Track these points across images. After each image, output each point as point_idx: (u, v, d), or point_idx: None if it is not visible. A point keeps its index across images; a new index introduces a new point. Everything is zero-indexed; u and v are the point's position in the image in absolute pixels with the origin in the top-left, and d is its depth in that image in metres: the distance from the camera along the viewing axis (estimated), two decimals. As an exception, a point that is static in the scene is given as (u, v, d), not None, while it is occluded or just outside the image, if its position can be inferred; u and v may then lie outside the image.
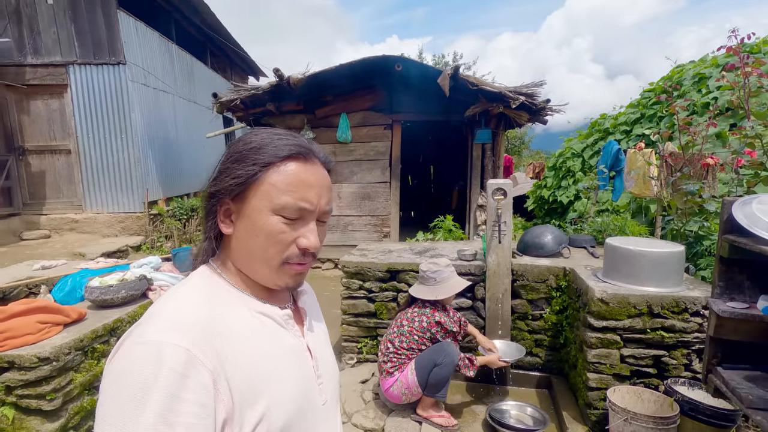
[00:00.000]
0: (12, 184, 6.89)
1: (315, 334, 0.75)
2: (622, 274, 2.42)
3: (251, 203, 0.60)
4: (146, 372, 0.48)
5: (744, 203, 1.57)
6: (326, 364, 0.74)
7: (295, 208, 0.60)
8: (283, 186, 0.60)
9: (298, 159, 0.61)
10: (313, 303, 0.83)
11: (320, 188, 0.63)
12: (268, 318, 0.65)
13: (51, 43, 6.70)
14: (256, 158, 0.60)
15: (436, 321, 2.45)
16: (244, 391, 0.55)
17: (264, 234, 0.60)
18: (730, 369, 1.66)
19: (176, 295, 0.60)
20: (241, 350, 0.57)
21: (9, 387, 1.91)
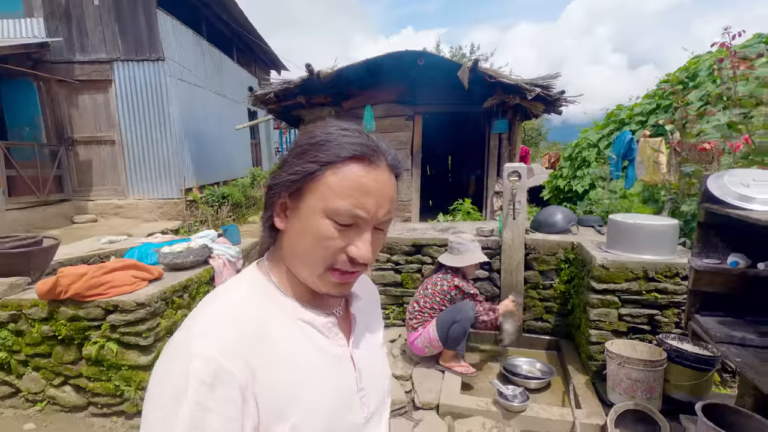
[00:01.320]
0: (63, 172, 7.51)
1: (364, 343, 0.70)
2: (623, 245, 2.76)
3: (306, 202, 0.57)
4: (179, 381, 0.49)
5: (717, 177, 1.90)
6: (373, 376, 0.69)
7: (349, 215, 0.55)
8: (340, 189, 0.55)
9: (361, 161, 0.56)
10: (369, 308, 0.78)
11: (381, 197, 0.57)
12: (308, 326, 0.62)
13: (97, 41, 7.24)
14: (317, 155, 0.56)
15: (455, 285, 2.84)
16: (273, 405, 0.53)
17: (312, 236, 0.57)
18: (706, 316, 2.00)
19: (218, 300, 0.59)
20: (274, 362, 0.55)
21: (113, 326, 2.37)
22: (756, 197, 1.75)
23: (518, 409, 2.36)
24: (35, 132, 7.30)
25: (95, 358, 2.40)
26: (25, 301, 2.45)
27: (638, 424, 2.18)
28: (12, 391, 2.58)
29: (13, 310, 2.47)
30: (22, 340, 2.49)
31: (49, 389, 2.54)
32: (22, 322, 2.47)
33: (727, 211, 1.77)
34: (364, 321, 0.73)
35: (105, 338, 2.39)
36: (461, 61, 5.41)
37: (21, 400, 2.57)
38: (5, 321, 2.48)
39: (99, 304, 2.37)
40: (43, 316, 2.43)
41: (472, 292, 2.89)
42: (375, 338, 0.76)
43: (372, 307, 0.80)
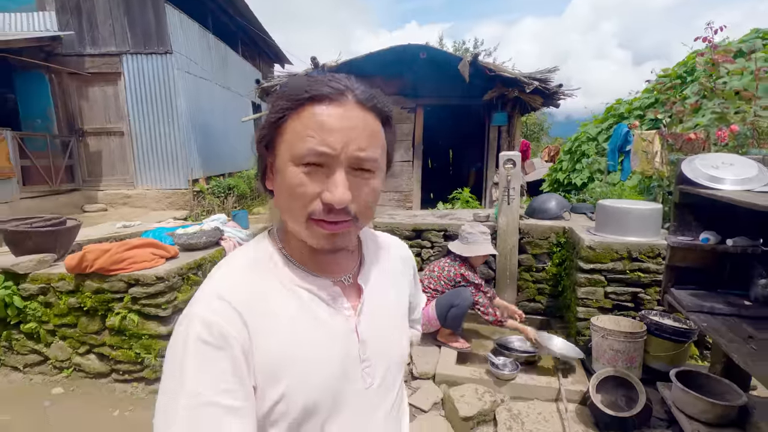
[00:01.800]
0: (74, 162, 7.72)
1: (373, 313, 0.67)
2: (610, 228, 2.93)
3: (278, 155, 0.57)
4: (184, 344, 0.51)
5: (690, 160, 2.07)
6: (381, 347, 0.67)
7: (312, 154, 0.52)
8: (301, 131, 0.53)
9: (321, 100, 0.54)
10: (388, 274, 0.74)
11: (349, 131, 0.53)
12: (311, 294, 0.61)
13: (107, 34, 7.41)
14: (278, 104, 0.56)
15: (461, 273, 3.01)
16: (267, 367, 0.54)
17: (286, 187, 0.55)
18: (681, 289, 2.18)
19: (223, 267, 0.61)
20: (270, 328, 0.56)
21: (135, 298, 2.57)
22: (725, 178, 1.93)
23: (508, 378, 2.55)
24: (47, 123, 7.50)
25: (118, 328, 2.60)
26: (53, 275, 2.65)
27: (618, 389, 2.37)
28: (41, 359, 2.79)
29: (42, 283, 2.67)
30: (51, 311, 2.69)
31: (75, 357, 2.75)
32: (51, 294, 2.68)
33: (698, 191, 1.94)
34: (378, 289, 0.69)
35: (127, 309, 2.59)
36: (464, 56, 5.56)
37: (49, 367, 2.79)
38: (35, 293, 2.68)
39: (121, 277, 2.57)
40: (69, 288, 2.64)
41: (477, 282, 3.04)
42: (390, 307, 0.72)
43: (397, 272, 0.76)
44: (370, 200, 0.58)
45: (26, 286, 2.67)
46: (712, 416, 2.05)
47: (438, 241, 3.66)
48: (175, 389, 0.49)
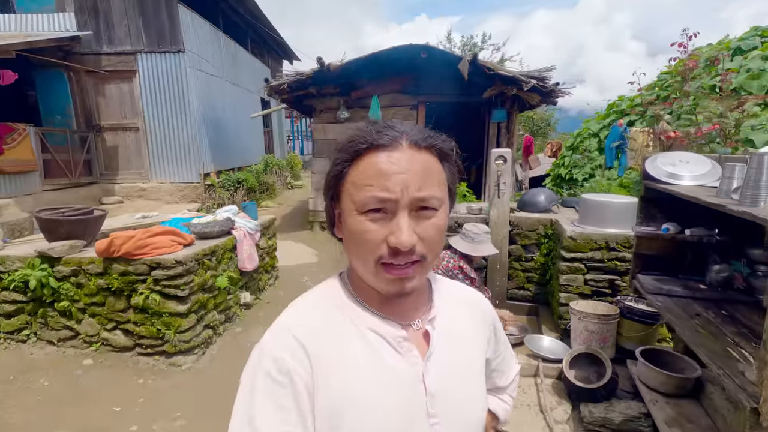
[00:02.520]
0: (91, 156, 8.08)
1: (444, 364, 0.63)
2: (591, 220, 3.16)
3: (342, 205, 0.59)
4: (253, 376, 0.56)
5: (653, 159, 2.29)
6: (453, 403, 0.62)
7: (375, 200, 0.54)
8: (361, 181, 0.55)
9: (376, 150, 0.56)
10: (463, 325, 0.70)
11: (406, 173, 0.54)
12: (378, 337, 0.60)
13: (122, 34, 7.72)
14: (340, 157, 0.59)
15: (460, 266, 3.25)
16: (329, 406, 0.54)
17: (353, 234, 0.57)
18: (646, 275, 2.40)
19: (296, 302, 0.64)
20: (336, 370, 0.56)
21: (156, 280, 2.87)
22: (683, 174, 2.15)
23: (492, 355, 2.80)
24: (66, 119, 7.86)
25: (141, 306, 2.91)
26: (84, 259, 2.96)
27: (591, 366, 2.61)
28: (73, 334, 3.11)
29: (74, 266, 2.98)
30: (81, 291, 3.00)
31: (103, 332, 3.06)
32: (81, 276, 2.99)
33: (657, 186, 2.17)
34: (450, 339, 0.66)
35: (149, 290, 2.89)
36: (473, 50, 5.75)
37: (80, 341, 3.10)
38: (67, 275, 2.99)
39: (145, 261, 2.86)
40: (98, 271, 2.94)
41: (473, 276, 3.29)
42: (465, 360, 0.67)
43: (471, 321, 0.72)
44: (435, 238, 0.57)
45: (60, 269, 2.99)
46: (670, 387, 2.29)
47: (434, 232, 3.91)
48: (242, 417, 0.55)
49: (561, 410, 2.41)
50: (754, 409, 1.28)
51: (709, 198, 1.61)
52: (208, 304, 3.16)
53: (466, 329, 0.71)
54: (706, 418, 2.15)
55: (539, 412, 2.41)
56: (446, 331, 0.66)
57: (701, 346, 1.64)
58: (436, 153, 0.59)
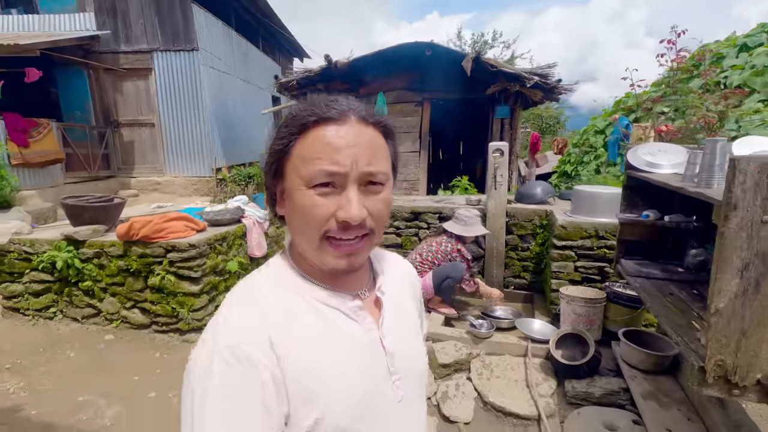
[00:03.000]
0: (109, 151, 8.40)
1: (395, 325, 0.67)
2: (583, 210, 3.30)
3: (288, 180, 0.58)
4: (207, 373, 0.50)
5: (635, 150, 2.43)
6: (406, 359, 0.66)
7: (323, 174, 0.53)
8: (309, 154, 0.54)
9: (323, 123, 0.55)
10: (401, 287, 0.74)
11: (355, 147, 0.54)
12: (334, 310, 0.61)
13: (139, 33, 8.02)
14: (284, 131, 0.57)
15: (458, 249, 3.43)
16: (299, 393, 0.53)
17: (299, 210, 0.56)
18: (629, 259, 2.54)
19: (241, 291, 0.60)
20: (299, 351, 0.54)
21: (172, 262, 3.09)
22: (662, 163, 2.29)
23: (485, 336, 2.96)
24: (86, 115, 8.19)
25: (157, 286, 3.13)
26: (105, 242, 3.20)
27: (577, 347, 2.75)
28: (95, 312, 3.36)
29: (96, 248, 3.22)
30: (103, 272, 3.24)
31: (122, 311, 3.30)
32: (103, 258, 3.23)
33: (637, 174, 2.31)
34: (395, 301, 0.69)
35: (165, 271, 3.11)
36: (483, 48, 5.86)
37: (101, 318, 3.35)
38: (91, 257, 3.24)
39: (161, 244, 3.08)
40: (119, 253, 3.18)
41: (468, 258, 3.47)
42: (408, 320, 0.72)
43: (405, 286, 0.76)
44: (383, 212, 0.58)
45: (84, 251, 3.23)
46: (648, 365, 2.44)
47: (434, 223, 4.07)
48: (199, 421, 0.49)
49: (546, 386, 2.57)
50: (701, 367, 1.42)
51: (673, 182, 1.75)
52: (219, 286, 3.38)
53: (404, 292, 0.75)
54: (680, 392, 2.30)
55: (525, 387, 2.57)
56: (391, 295, 0.69)
57: (667, 319, 1.79)
58: (381, 129, 0.60)
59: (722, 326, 1.36)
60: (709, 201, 1.43)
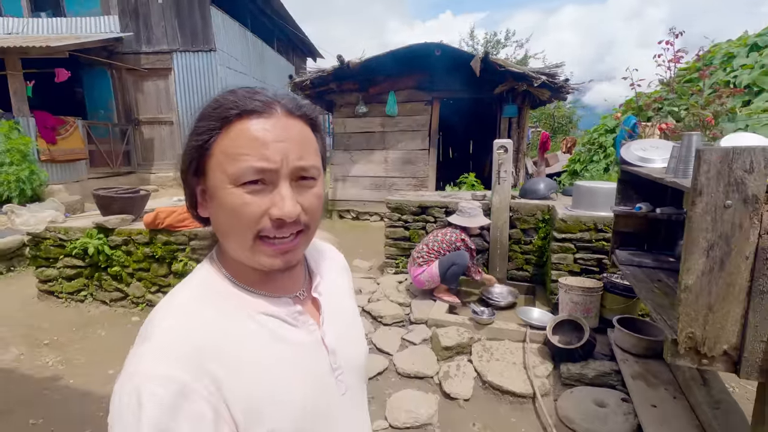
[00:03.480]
0: (130, 148, 8.76)
1: (335, 322, 0.66)
2: (583, 204, 3.43)
3: (210, 178, 0.53)
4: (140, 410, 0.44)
5: (628, 146, 2.57)
6: (348, 352, 0.66)
7: (252, 171, 0.50)
8: (234, 150, 0.50)
9: (247, 116, 0.52)
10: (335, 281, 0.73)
11: (285, 142, 0.52)
12: (274, 319, 0.57)
13: (160, 34, 8.34)
14: (203, 126, 0.53)
15: (462, 239, 3.60)
16: (246, 412, 0.50)
17: (227, 210, 0.52)
18: (623, 250, 2.68)
19: (172, 309, 0.54)
20: (239, 370, 0.51)
21: (194, 249, 3.32)
22: (654, 158, 2.43)
23: (486, 322, 3.12)
24: (109, 113, 8.55)
25: (180, 272, 3.36)
26: (133, 230, 3.45)
27: (573, 333, 2.90)
28: (122, 295, 3.61)
29: (125, 236, 3.47)
30: (130, 258, 3.49)
31: (147, 295, 3.54)
32: (131, 245, 3.48)
33: (629, 169, 2.45)
34: (333, 298, 0.69)
35: (188, 258, 3.35)
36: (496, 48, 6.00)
37: (128, 302, 3.60)
38: (119, 244, 3.49)
39: (184, 233, 3.32)
40: (145, 241, 3.42)
41: (473, 247, 3.64)
42: (346, 312, 0.72)
43: (339, 277, 0.76)
44: (317, 207, 0.57)
45: (113, 238, 3.48)
46: (640, 349, 2.57)
47: (440, 217, 4.24)
48: None
49: (543, 368, 2.72)
50: (674, 339, 1.58)
51: (656, 174, 1.89)
52: (236, 273, 3.60)
53: (340, 283, 0.74)
54: (668, 374, 2.43)
55: (523, 368, 2.73)
56: (328, 291, 0.68)
57: (651, 301, 1.94)
58: (309, 122, 0.57)
59: (691, 301, 1.51)
60: (680, 189, 1.57)
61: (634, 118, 6.57)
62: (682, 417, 2.09)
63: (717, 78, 6.86)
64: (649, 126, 5.37)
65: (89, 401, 2.46)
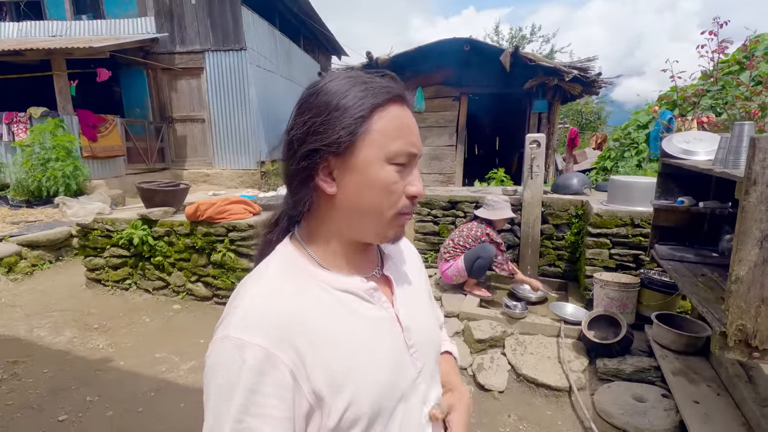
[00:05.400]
0: (165, 145, 9.07)
1: (408, 300, 0.69)
2: (619, 199, 3.38)
3: (360, 155, 0.56)
4: (231, 371, 0.51)
5: (669, 139, 2.52)
6: (422, 330, 0.69)
7: (406, 154, 0.57)
8: (391, 132, 0.56)
9: (397, 102, 0.58)
10: (406, 263, 0.77)
11: (417, 129, 0.60)
12: (350, 295, 0.61)
13: (193, 34, 8.59)
14: (360, 106, 0.55)
15: (487, 233, 3.60)
16: (327, 382, 0.54)
17: (379, 186, 0.56)
18: (663, 245, 2.63)
19: (259, 284, 0.58)
20: (321, 341, 0.55)
21: (232, 240, 3.44)
22: (698, 151, 2.38)
23: (519, 316, 3.12)
24: (145, 112, 8.88)
25: (219, 262, 3.49)
26: (175, 222, 3.59)
27: (609, 328, 2.87)
28: (164, 284, 3.77)
29: (167, 227, 3.62)
30: (172, 249, 3.65)
31: (188, 284, 3.69)
32: (172, 236, 3.63)
33: (672, 161, 2.41)
34: (404, 277, 0.72)
35: (226, 249, 3.47)
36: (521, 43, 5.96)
37: (170, 290, 3.76)
38: (162, 235, 3.65)
39: (223, 224, 3.44)
40: (186, 232, 3.56)
41: (498, 241, 3.63)
42: (419, 292, 0.75)
43: (409, 261, 0.78)
44: None
45: (156, 229, 3.64)
46: (680, 345, 2.53)
47: (470, 211, 4.24)
48: (221, 413, 0.51)
49: (578, 362, 2.70)
50: (722, 332, 1.56)
51: (703, 165, 1.85)
52: (271, 264, 3.71)
53: (410, 263, 0.78)
54: (711, 371, 2.38)
55: (558, 362, 2.72)
56: (399, 273, 0.72)
57: (696, 295, 1.91)
58: None
59: (743, 293, 1.49)
60: (732, 179, 1.55)
61: (669, 113, 6.38)
62: (726, 414, 2.05)
63: (761, 70, 6.57)
64: (687, 120, 5.20)
65: (140, 381, 2.60)
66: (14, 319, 3.39)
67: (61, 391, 2.51)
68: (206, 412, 0.52)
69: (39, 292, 3.92)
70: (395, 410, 0.60)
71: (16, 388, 2.54)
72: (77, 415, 2.31)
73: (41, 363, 2.80)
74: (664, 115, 6.35)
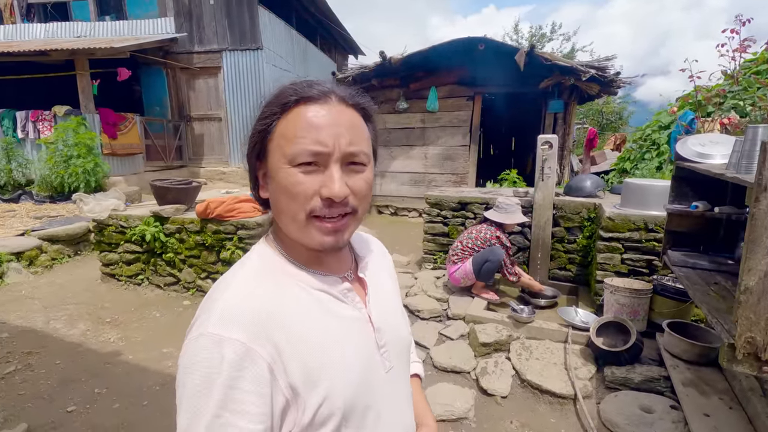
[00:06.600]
0: (183, 143, 9.25)
1: (380, 302, 0.72)
2: (632, 203, 3.28)
3: (270, 160, 0.59)
4: (210, 367, 0.51)
5: (684, 141, 2.43)
6: (391, 332, 0.71)
7: (307, 153, 0.55)
8: (292, 133, 0.56)
9: (305, 102, 0.58)
10: (379, 266, 0.79)
11: (336, 127, 0.57)
12: (326, 294, 0.63)
13: (211, 34, 8.73)
14: (264, 113, 0.59)
15: (497, 236, 3.55)
16: (303, 377, 0.55)
17: (283, 189, 0.57)
18: (675, 250, 2.55)
19: (235, 281, 0.59)
20: (297, 337, 0.56)
21: (241, 238, 3.48)
22: (713, 154, 2.29)
23: (526, 321, 3.07)
24: (163, 110, 9.07)
25: (228, 260, 3.54)
26: (186, 219, 3.66)
27: (618, 335, 2.79)
28: (175, 280, 3.85)
29: (178, 224, 3.69)
30: (183, 246, 3.71)
31: (198, 280, 3.75)
32: (183, 233, 3.69)
33: (686, 165, 2.33)
34: (376, 280, 0.74)
35: (235, 246, 3.51)
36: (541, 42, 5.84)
37: (180, 286, 3.83)
38: (173, 232, 3.72)
39: (232, 222, 3.48)
40: (196, 229, 3.62)
41: (508, 245, 3.58)
42: (390, 295, 0.78)
43: (381, 264, 0.81)
44: (365, 192, 0.61)
45: (168, 227, 3.72)
46: (692, 355, 2.44)
47: (480, 213, 4.19)
48: (199, 409, 0.50)
49: (585, 370, 2.64)
50: (731, 344, 1.50)
51: (715, 170, 1.78)
52: (279, 263, 3.75)
53: (383, 267, 0.81)
54: (724, 383, 2.29)
55: (564, 369, 2.66)
56: (373, 274, 0.74)
57: (707, 304, 1.84)
58: (361, 112, 0.63)
59: (752, 304, 1.43)
60: (743, 185, 1.48)
61: (691, 114, 6.17)
62: (738, 428, 1.97)
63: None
64: (709, 121, 5.02)
65: (147, 376, 2.66)
66: (32, 311, 3.51)
67: (71, 382, 2.59)
68: (179, 414, 0.52)
69: (57, 285, 4.05)
70: (369, 407, 0.62)
71: (29, 378, 2.62)
72: (85, 406, 2.37)
73: (54, 354, 2.89)
74: (686, 116, 6.15)
